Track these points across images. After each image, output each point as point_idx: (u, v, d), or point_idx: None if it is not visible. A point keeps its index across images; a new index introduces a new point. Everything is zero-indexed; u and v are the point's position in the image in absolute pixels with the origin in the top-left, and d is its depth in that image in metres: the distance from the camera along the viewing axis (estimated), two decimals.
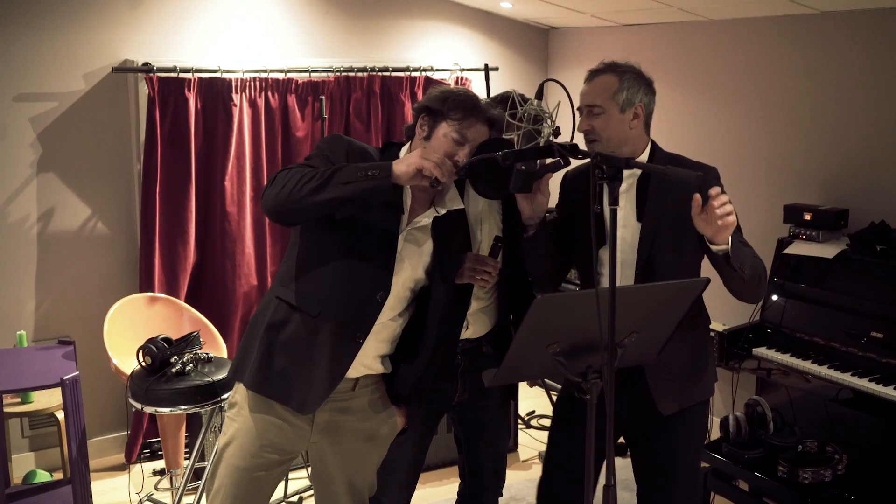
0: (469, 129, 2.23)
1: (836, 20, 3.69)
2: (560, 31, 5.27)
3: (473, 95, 2.31)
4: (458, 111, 2.23)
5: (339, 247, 2.27)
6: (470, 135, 2.23)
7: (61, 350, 3.52)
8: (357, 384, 2.36)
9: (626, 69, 2.51)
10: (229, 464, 2.33)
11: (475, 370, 2.60)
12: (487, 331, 2.64)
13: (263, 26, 4.44)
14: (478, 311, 2.60)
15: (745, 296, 2.43)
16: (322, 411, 2.32)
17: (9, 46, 3.86)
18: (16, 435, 4.10)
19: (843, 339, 3.30)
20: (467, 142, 2.23)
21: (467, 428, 2.74)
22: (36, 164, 4.00)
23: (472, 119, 2.24)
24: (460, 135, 2.23)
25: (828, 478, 3.15)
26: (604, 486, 1.95)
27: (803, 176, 3.89)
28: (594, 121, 2.43)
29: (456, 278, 2.42)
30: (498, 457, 2.80)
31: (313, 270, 2.28)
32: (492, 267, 2.42)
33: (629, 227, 2.45)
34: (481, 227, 2.56)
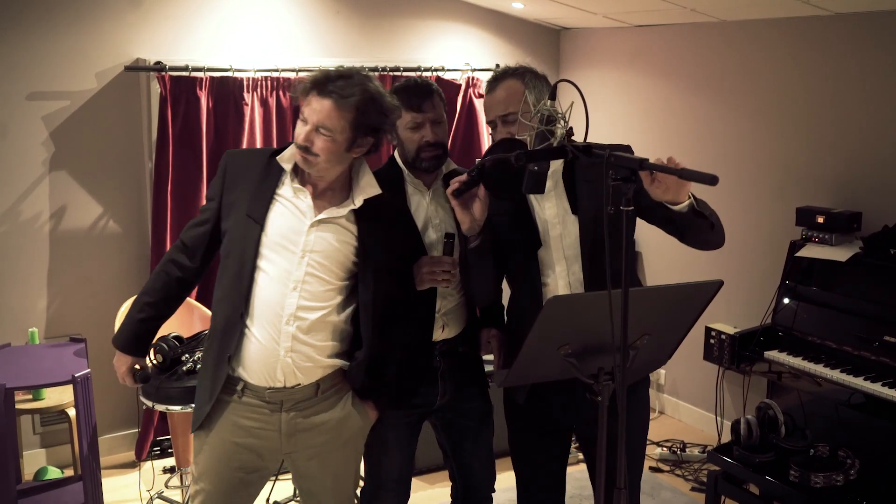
0: (306, 107, 2.23)
1: (849, 22, 3.67)
2: (571, 31, 5.26)
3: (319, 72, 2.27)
4: (299, 92, 2.26)
5: (224, 267, 2.34)
6: (307, 114, 2.23)
7: (73, 347, 3.53)
8: (319, 388, 2.36)
9: (523, 70, 2.45)
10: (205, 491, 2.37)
11: (454, 371, 2.61)
12: (461, 330, 2.64)
13: (275, 26, 4.45)
14: (451, 310, 2.59)
15: (714, 243, 2.33)
16: (288, 418, 2.33)
17: (21, 45, 3.88)
18: (27, 432, 4.12)
19: (856, 342, 3.28)
20: (308, 122, 2.22)
21: (451, 431, 2.73)
22: (48, 162, 4.01)
23: (304, 96, 2.24)
24: (302, 115, 2.24)
25: (840, 483, 3.13)
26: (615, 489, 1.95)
27: (816, 178, 3.88)
28: (511, 128, 2.36)
29: (417, 285, 2.44)
30: (486, 454, 2.78)
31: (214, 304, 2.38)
32: (449, 265, 2.42)
33: (567, 222, 2.40)
34: (434, 228, 2.56)
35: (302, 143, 2.22)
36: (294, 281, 2.26)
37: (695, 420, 4.69)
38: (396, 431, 2.60)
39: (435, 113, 2.52)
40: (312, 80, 2.23)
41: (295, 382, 2.31)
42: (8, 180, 3.95)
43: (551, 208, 2.41)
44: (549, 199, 2.41)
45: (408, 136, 2.52)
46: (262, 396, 2.31)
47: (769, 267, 3.97)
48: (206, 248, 2.40)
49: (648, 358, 2.16)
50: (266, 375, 2.29)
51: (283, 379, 2.29)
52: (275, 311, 2.26)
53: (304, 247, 2.27)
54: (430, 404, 2.62)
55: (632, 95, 4.87)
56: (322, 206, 2.31)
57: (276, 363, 2.27)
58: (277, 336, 2.26)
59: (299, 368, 2.29)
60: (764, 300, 3.77)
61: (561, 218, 2.40)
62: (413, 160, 2.54)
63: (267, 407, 2.32)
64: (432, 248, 2.54)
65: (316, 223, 2.29)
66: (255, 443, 2.34)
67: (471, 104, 4.88)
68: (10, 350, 3.55)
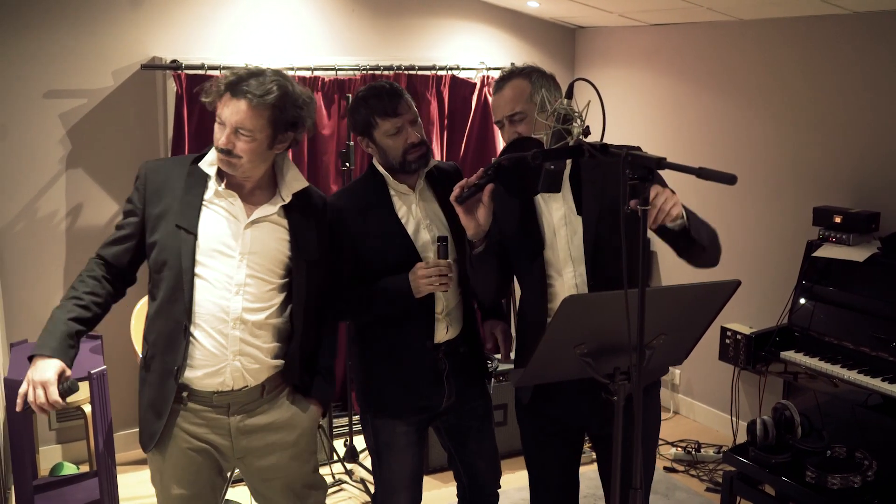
0: (223, 109, 2.22)
1: (868, 20, 3.64)
2: (587, 30, 5.25)
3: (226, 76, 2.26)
4: (210, 97, 2.25)
5: (157, 280, 2.30)
6: (224, 116, 2.23)
7: (89, 344, 3.56)
8: (264, 389, 2.36)
9: (529, 70, 2.43)
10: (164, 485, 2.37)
11: (457, 372, 2.62)
12: (461, 329, 2.64)
13: (290, 24, 4.46)
14: (452, 310, 2.59)
15: (706, 262, 2.37)
16: (237, 420, 2.33)
17: (39, 44, 3.90)
18: (43, 428, 4.14)
19: (873, 343, 3.25)
20: (225, 125, 2.22)
21: (454, 433, 2.72)
22: (65, 160, 4.03)
23: (218, 100, 2.24)
24: (218, 118, 2.24)
25: (857, 484, 3.10)
26: (630, 489, 1.94)
27: (833, 178, 3.85)
28: (518, 127, 2.35)
29: (414, 293, 2.43)
30: (490, 451, 2.77)
31: (150, 311, 2.35)
32: (445, 267, 2.42)
33: (573, 223, 2.39)
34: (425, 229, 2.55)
35: (223, 147, 2.22)
36: (236, 285, 2.26)
37: (710, 420, 4.67)
38: (406, 437, 2.60)
39: (410, 113, 2.50)
40: (225, 83, 2.22)
41: (243, 385, 2.31)
42: (25, 178, 3.97)
43: (558, 210, 2.40)
44: (557, 201, 2.41)
45: (390, 143, 2.50)
46: (209, 401, 2.30)
47: (786, 267, 3.95)
48: (129, 263, 2.36)
49: (664, 358, 2.15)
50: (214, 380, 2.28)
51: (231, 383, 2.29)
52: (219, 317, 2.25)
53: (241, 249, 2.27)
54: (436, 406, 2.62)
55: (647, 95, 4.85)
56: (252, 207, 2.31)
57: (226, 367, 2.27)
58: (225, 341, 2.26)
59: (248, 371, 2.30)
60: (780, 300, 3.75)
61: (568, 219, 2.40)
62: (400, 164, 2.52)
63: (214, 411, 2.31)
64: (426, 249, 2.53)
65: (250, 224, 2.29)
66: (208, 447, 2.34)
67: (485, 103, 4.88)
68: (27, 346, 3.58)
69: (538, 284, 2.42)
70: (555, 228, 2.40)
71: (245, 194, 2.31)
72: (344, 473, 4.12)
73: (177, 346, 2.25)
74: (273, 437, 2.38)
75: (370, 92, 2.51)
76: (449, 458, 2.81)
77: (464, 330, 2.65)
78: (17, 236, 3.98)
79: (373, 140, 2.52)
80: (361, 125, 2.52)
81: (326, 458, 4.18)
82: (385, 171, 2.55)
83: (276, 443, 2.38)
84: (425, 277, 2.42)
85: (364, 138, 2.54)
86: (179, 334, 2.25)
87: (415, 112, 2.53)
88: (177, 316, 2.25)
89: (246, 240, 2.28)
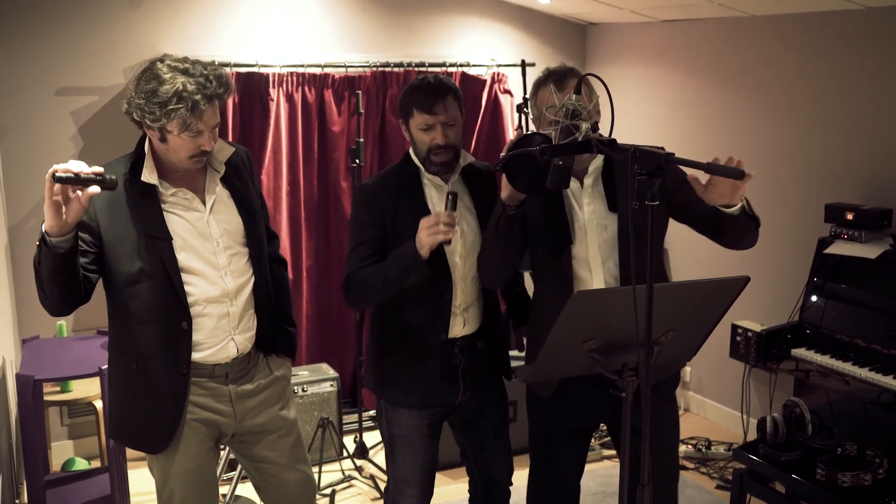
0: (198, 122, 2.21)
1: (881, 16, 3.62)
2: (598, 26, 5.23)
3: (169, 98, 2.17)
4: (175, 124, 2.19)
5: (134, 293, 2.29)
6: (201, 126, 2.22)
7: (100, 340, 3.57)
8: (250, 357, 2.47)
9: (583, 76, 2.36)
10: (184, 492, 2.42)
11: (473, 368, 2.61)
12: (479, 325, 2.63)
13: (300, 21, 4.46)
14: (470, 305, 2.59)
15: (748, 243, 2.40)
16: (235, 387, 2.43)
17: (50, 41, 3.92)
18: (55, 423, 4.17)
19: (885, 341, 3.23)
20: (203, 132, 2.24)
21: (470, 430, 2.72)
22: (76, 157, 4.05)
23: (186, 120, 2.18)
24: (194, 132, 2.22)
25: (867, 482, 3.09)
26: (638, 486, 1.94)
27: (845, 175, 3.83)
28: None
29: (419, 249, 2.35)
30: (505, 449, 2.77)
31: (121, 329, 2.36)
32: (447, 216, 2.33)
33: (605, 221, 2.40)
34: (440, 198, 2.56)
35: (206, 149, 2.27)
36: (223, 267, 2.36)
37: (720, 418, 4.65)
38: (419, 430, 2.60)
39: (447, 115, 2.47)
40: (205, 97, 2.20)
41: (238, 353, 2.41)
42: (37, 175, 3.99)
43: (589, 205, 2.41)
44: (587, 196, 2.41)
45: (419, 137, 2.51)
46: (210, 372, 2.39)
47: (797, 264, 3.93)
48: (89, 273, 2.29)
49: (673, 354, 2.14)
50: (219, 356, 2.38)
51: (235, 353, 2.40)
52: (219, 300, 2.35)
53: (214, 235, 2.35)
54: (450, 403, 2.62)
55: (658, 91, 4.83)
56: (200, 193, 2.36)
57: (229, 341, 2.38)
58: (227, 320, 2.37)
59: (247, 339, 2.43)
60: (791, 297, 3.73)
61: (600, 215, 2.40)
62: (423, 160, 2.53)
63: (214, 380, 2.40)
64: (454, 243, 2.51)
65: (211, 209, 2.36)
66: (212, 416, 2.41)
67: (496, 100, 4.87)
68: (39, 342, 3.59)
69: (563, 280, 2.42)
70: (585, 224, 2.40)
71: (185, 182, 2.36)
72: (354, 470, 4.13)
73: (179, 344, 2.31)
74: (263, 396, 2.49)
75: (419, 83, 2.52)
76: (462, 454, 2.81)
77: (483, 326, 2.64)
78: (30, 233, 4.00)
79: (408, 128, 2.54)
80: (402, 111, 2.55)
81: (336, 455, 4.19)
82: (419, 163, 2.57)
83: (267, 399, 2.50)
84: (427, 228, 2.33)
85: (403, 124, 2.58)
86: (179, 333, 2.31)
87: (455, 115, 2.49)
88: (170, 317, 2.30)
89: (212, 225, 2.35)
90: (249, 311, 2.44)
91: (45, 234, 2.07)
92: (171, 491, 2.42)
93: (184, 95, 2.16)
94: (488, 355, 2.67)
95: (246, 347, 2.43)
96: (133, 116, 2.24)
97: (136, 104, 2.20)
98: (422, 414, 2.59)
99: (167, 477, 2.41)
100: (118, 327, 2.38)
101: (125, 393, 2.39)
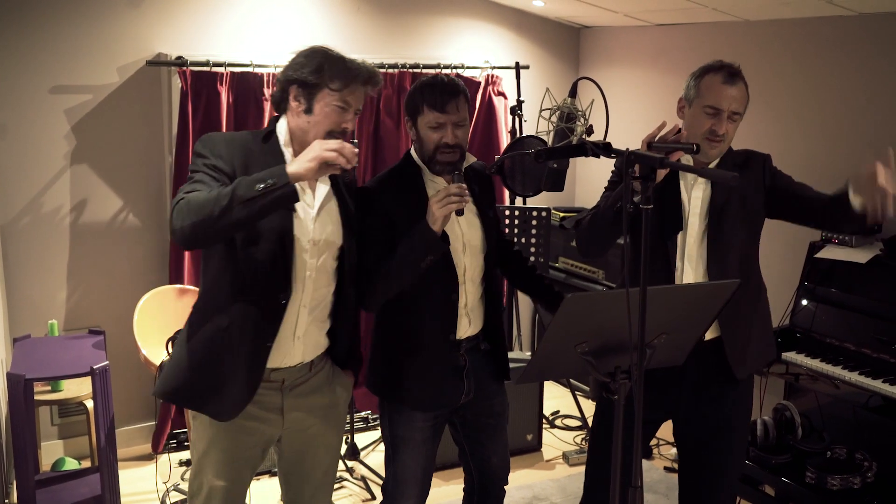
0: (351, 94, 2.24)
1: (872, 22, 3.64)
2: (592, 30, 5.25)
3: (342, 57, 2.27)
4: (338, 80, 2.23)
5: (240, 259, 2.25)
6: (352, 100, 2.25)
7: (91, 340, 3.57)
8: (313, 365, 2.41)
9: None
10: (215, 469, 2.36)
11: (477, 369, 2.63)
12: (482, 325, 2.64)
13: (295, 21, 4.46)
14: (474, 303, 2.60)
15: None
16: (289, 398, 2.36)
17: (45, 39, 3.91)
18: (45, 423, 4.15)
19: (875, 345, 3.26)
20: (350, 107, 2.26)
21: (470, 429, 2.73)
22: (70, 155, 4.04)
23: (353, 84, 2.25)
24: (344, 102, 2.24)
25: (856, 485, 3.11)
26: (630, 488, 1.95)
27: (836, 179, 3.83)
28: (731, 126, 2.52)
29: (431, 225, 2.37)
30: (503, 449, 2.79)
31: (222, 286, 2.29)
32: (455, 187, 2.36)
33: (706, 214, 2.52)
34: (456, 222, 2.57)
35: (347, 127, 2.27)
36: (308, 270, 2.30)
37: None
38: (422, 432, 2.60)
39: (458, 115, 2.49)
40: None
41: (300, 361, 2.35)
42: (30, 173, 3.98)
43: (696, 198, 2.51)
44: (698, 189, 2.53)
45: (427, 135, 2.51)
46: (266, 377, 2.32)
47: (788, 268, 3.95)
48: None
49: (666, 356, 2.16)
50: (280, 357, 2.32)
51: (300, 357, 2.34)
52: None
53: (312, 236, 2.29)
54: (454, 403, 2.63)
55: (653, 95, 4.84)
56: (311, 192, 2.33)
57: (293, 344, 2.32)
58: (295, 318, 2.30)
59: (313, 345, 2.37)
60: (782, 301, 3.74)
61: (703, 209, 2.51)
62: (429, 160, 2.53)
63: (268, 386, 2.34)
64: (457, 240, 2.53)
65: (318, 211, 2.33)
66: (257, 425, 2.36)
67: (490, 102, 4.88)
68: (30, 341, 3.59)
69: (664, 265, 2.51)
70: (689, 216, 2.49)
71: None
72: (345, 471, 4.12)
73: (273, 320, 2.26)
74: (316, 411, 2.44)
75: (432, 81, 2.53)
76: (460, 453, 2.82)
77: (486, 326, 2.66)
78: (22, 231, 3.99)
79: (416, 125, 2.53)
80: (411, 108, 2.54)
81: None
82: (421, 162, 2.57)
83: (318, 414, 2.44)
84: (438, 201, 2.36)
85: (409, 121, 2.57)
86: (278, 309, 2.26)
87: (464, 116, 2.51)
88: (274, 290, 2.25)
89: (317, 226, 2.31)
90: (322, 322, 2.39)
91: (291, 180, 2.06)
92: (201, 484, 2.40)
93: (347, 64, 2.25)
94: (490, 356, 2.69)
95: (302, 358, 2.36)
96: (302, 76, 2.23)
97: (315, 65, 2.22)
98: (426, 416, 2.59)
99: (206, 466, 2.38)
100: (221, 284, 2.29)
101: (206, 352, 2.30)
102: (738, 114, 2.52)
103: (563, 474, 4.12)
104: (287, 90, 2.27)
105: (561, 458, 4.33)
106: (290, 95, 2.27)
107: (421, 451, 2.62)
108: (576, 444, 4.49)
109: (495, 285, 2.69)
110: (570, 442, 4.54)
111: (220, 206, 2.02)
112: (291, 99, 2.27)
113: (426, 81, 2.53)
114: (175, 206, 2.10)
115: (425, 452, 2.64)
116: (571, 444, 4.51)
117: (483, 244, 2.59)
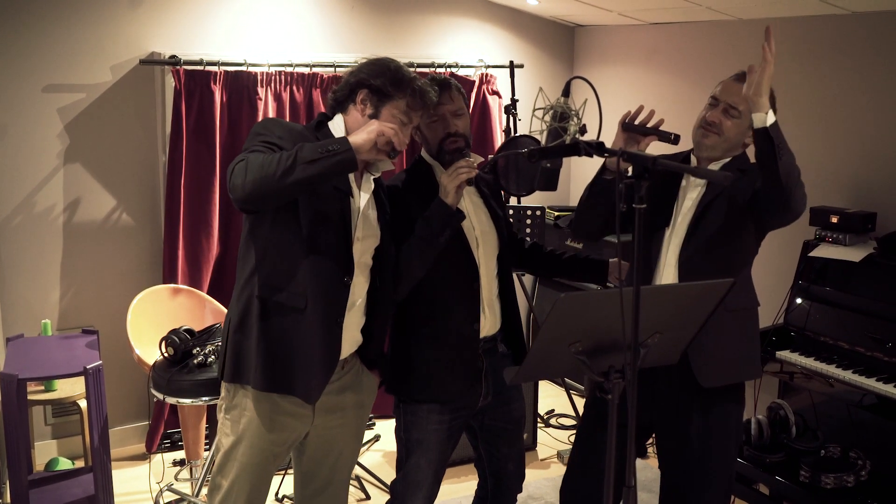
0: (415, 113, 2.31)
1: (867, 21, 3.65)
2: (586, 28, 5.25)
3: (416, 78, 2.35)
4: (412, 99, 2.29)
5: (301, 238, 2.27)
6: (415, 118, 2.33)
7: (85, 339, 3.56)
8: (346, 363, 2.43)
9: None
10: (242, 463, 2.37)
11: (495, 371, 2.61)
12: (500, 325, 2.64)
13: (289, 20, 4.46)
14: (492, 300, 2.60)
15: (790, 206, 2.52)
16: (322, 394, 2.37)
17: (38, 38, 3.90)
18: (39, 422, 4.15)
19: (869, 343, 3.26)
20: (410, 124, 2.33)
21: (488, 435, 2.72)
22: (63, 154, 4.03)
23: (423, 109, 2.34)
24: (408, 117, 2.30)
25: (850, 484, 3.12)
26: (624, 487, 1.94)
27: (830, 178, 3.85)
28: (728, 120, 2.53)
29: (444, 197, 2.39)
30: (519, 455, 2.79)
31: (286, 265, 2.29)
32: (464, 161, 2.40)
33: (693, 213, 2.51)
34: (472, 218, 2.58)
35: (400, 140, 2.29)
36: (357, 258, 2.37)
37: None
38: (437, 434, 2.59)
39: (454, 105, 2.52)
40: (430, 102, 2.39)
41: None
42: (23, 172, 3.97)
43: (690, 199, 2.51)
44: (697, 188, 2.52)
45: (430, 132, 2.54)
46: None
47: (782, 267, 3.95)
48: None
49: (659, 356, 2.16)
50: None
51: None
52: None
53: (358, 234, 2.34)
54: (472, 406, 2.62)
55: (647, 93, 4.84)
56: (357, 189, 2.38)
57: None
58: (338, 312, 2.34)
59: (350, 340, 2.39)
60: (776, 300, 3.75)
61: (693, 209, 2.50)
62: (437, 154, 2.55)
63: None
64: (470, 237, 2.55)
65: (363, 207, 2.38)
66: (291, 421, 2.38)
67: (484, 100, 4.87)
68: (23, 341, 3.57)
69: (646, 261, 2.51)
70: (677, 214, 2.49)
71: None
72: None
73: (338, 298, 2.30)
74: (346, 410, 2.47)
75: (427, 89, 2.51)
76: (477, 459, 2.82)
77: (504, 328, 2.65)
78: (15, 231, 3.98)
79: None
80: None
81: None
82: (433, 161, 2.59)
83: (348, 412, 2.48)
84: (447, 175, 2.39)
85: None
86: (341, 287, 2.30)
87: (460, 105, 2.55)
88: (337, 270, 2.29)
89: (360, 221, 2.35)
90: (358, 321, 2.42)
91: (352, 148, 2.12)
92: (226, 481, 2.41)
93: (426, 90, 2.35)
94: (508, 360, 2.68)
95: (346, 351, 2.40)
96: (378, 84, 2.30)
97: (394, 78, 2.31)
98: (442, 418, 2.57)
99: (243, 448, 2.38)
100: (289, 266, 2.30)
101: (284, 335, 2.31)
102: (736, 109, 2.49)
103: (558, 473, 4.12)
104: (356, 91, 2.33)
105: (556, 458, 4.34)
106: (357, 97, 2.32)
107: (434, 455, 2.61)
108: (570, 444, 4.50)
109: (511, 286, 2.68)
110: (564, 441, 4.55)
111: (284, 166, 2.06)
112: (358, 101, 2.32)
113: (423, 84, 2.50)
114: (234, 166, 2.15)
115: (439, 456, 2.62)
116: (566, 443, 4.52)
117: (496, 241, 2.61)
